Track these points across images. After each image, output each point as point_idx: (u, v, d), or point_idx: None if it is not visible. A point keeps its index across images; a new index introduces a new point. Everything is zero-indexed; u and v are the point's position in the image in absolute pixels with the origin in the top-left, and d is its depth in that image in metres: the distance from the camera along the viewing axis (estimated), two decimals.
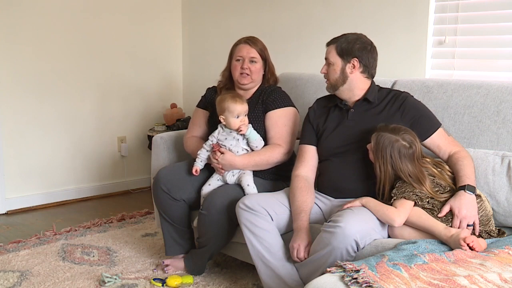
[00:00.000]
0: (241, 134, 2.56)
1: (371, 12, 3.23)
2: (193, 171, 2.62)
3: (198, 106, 2.90)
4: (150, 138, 3.95)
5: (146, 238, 3.28)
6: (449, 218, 2.05)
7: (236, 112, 2.52)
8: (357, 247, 1.98)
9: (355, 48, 2.30)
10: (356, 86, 2.34)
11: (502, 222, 2.22)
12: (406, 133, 2.13)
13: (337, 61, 2.32)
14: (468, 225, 2.02)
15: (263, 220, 2.26)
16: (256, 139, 2.58)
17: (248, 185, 2.52)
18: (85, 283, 2.64)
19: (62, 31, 3.91)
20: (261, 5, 3.87)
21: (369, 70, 2.34)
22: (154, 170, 2.92)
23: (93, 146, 4.19)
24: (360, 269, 1.66)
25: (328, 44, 2.38)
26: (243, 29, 3.82)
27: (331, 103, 2.46)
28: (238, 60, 2.70)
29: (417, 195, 2.07)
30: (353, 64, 2.31)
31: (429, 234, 2.01)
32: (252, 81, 2.71)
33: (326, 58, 2.37)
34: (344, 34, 2.36)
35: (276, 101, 2.67)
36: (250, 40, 2.73)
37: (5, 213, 3.78)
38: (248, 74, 2.68)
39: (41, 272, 2.76)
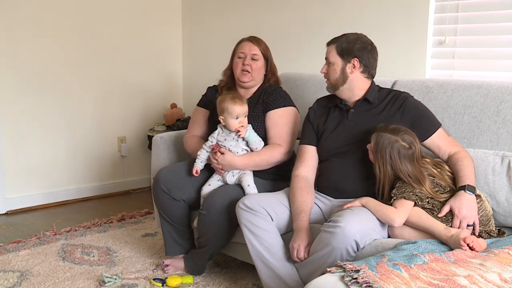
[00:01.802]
0: (239, 137, 2.56)
1: (371, 12, 3.23)
2: (193, 172, 2.62)
3: (199, 105, 2.90)
4: (150, 138, 3.95)
5: (146, 238, 3.28)
6: (449, 218, 2.05)
7: (235, 113, 2.52)
8: (357, 247, 1.98)
9: (355, 48, 2.30)
10: (356, 86, 2.34)
11: (502, 222, 2.22)
12: (405, 133, 2.13)
13: (337, 61, 2.32)
14: (468, 225, 2.02)
15: (263, 220, 2.26)
16: (256, 140, 2.57)
17: (248, 185, 2.52)
18: (85, 283, 2.64)
19: (63, 31, 3.91)
20: (261, 5, 3.87)
21: (369, 70, 2.34)
22: (154, 170, 2.92)
23: (93, 146, 4.19)
24: (360, 269, 1.66)
25: (328, 44, 2.38)
26: (243, 29, 3.81)
27: (331, 103, 2.46)
28: (240, 57, 2.71)
29: (417, 195, 2.07)
30: (353, 64, 2.30)
31: (429, 234, 2.01)
32: (252, 79, 2.71)
33: (326, 58, 2.37)
34: (345, 34, 2.36)
35: (277, 100, 2.67)
36: (253, 38, 2.75)
37: (5, 213, 3.78)
38: (249, 72, 2.68)
39: (41, 272, 2.76)
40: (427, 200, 2.08)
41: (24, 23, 3.73)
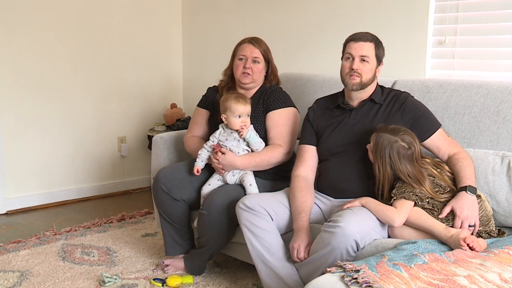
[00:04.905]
0: (241, 137, 2.56)
1: (371, 12, 3.23)
2: (195, 171, 2.62)
3: (199, 105, 2.90)
4: (150, 138, 3.95)
5: (146, 238, 3.28)
6: (450, 218, 2.05)
7: (238, 112, 2.52)
8: (357, 247, 1.98)
9: (383, 52, 2.34)
10: (372, 88, 2.36)
11: (502, 222, 2.22)
12: (405, 133, 2.13)
13: (373, 61, 2.30)
14: (469, 226, 2.02)
15: (263, 220, 2.26)
16: (257, 141, 2.57)
17: (250, 184, 2.52)
18: (85, 283, 2.64)
19: (63, 31, 3.90)
20: (261, 5, 3.87)
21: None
22: (154, 170, 2.92)
23: (93, 146, 4.19)
24: (360, 269, 1.66)
25: (364, 40, 2.29)
26: (243, 29, 3.82)
27: (332, 104, 2.46)
28: (241, 59, 2.70)
29: (417, 195, 2.07)
30: (381, 67, 2.35)
31: (429, 234, 2.01)
32: (253, 81, 2.71)
33: (362, 55, 2.27)
34: (367, 32, 2.34)
35: (277, 101, 2.67)
36: (254, 40, 2.73)
37: (5, 213, 3.78)
38: (249, 74, 2.68)
39: (41, 272, 2.76)
40: (427, 200, 2.08)
41: (24, 23, 3.73)
